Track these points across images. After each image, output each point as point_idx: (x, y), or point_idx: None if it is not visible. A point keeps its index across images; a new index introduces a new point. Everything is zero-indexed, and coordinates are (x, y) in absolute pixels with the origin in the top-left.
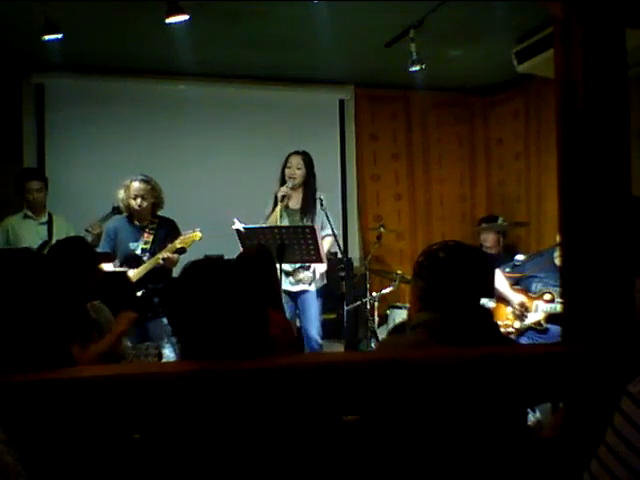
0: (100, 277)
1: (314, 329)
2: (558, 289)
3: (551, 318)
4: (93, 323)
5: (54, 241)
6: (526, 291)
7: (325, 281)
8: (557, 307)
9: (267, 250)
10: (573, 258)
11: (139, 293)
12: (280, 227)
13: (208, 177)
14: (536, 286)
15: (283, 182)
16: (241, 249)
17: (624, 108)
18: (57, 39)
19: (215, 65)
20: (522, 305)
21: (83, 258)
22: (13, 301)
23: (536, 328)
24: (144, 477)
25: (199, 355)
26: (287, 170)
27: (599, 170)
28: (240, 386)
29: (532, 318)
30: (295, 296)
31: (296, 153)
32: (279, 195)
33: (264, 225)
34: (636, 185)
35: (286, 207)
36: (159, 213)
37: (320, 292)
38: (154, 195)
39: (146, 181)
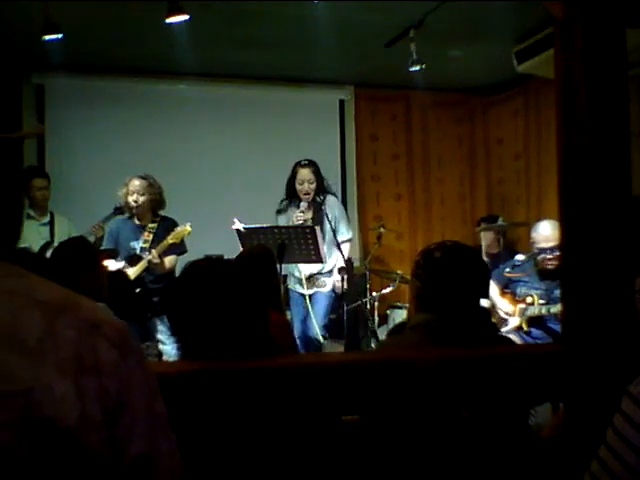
0: (105, 276)
1: (318, 326)
2: (540, 292)
3: (532, 321)
4: None
5: (56, 242)
6: (512, 295)
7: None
8: (535, 310)
9: (269, 250)
10: (573, 258)
11: (136, 291)
12: (280, 227)
13: (208, 177)
14: (520, 290)
15: (290, 193)
16: (241, 249)
17: (624, 108)
18: (57, 39)
19: (215, 65)
20: (505, 309)
21: (86, 258)
22: None
23: (519, 331)
24: None
25: (199, 355)
26: (299, 187)
27: (599, 170)
28: (240, 386)
29: (513, 322)
30: (308, 297)
31: (305, 165)
32: (295, 221)
33: (264, 225)
34: (636, 185)
35: (290, 215)
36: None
37: (332, 293)
38: (151, 192)
39: (144, 178)
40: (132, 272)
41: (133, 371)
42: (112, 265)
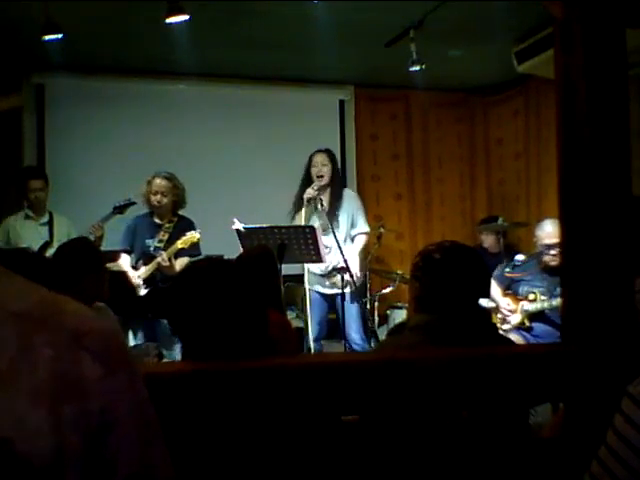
0: (107, 277)
1: (353, 331)
2: (542, 289)
3: (534, 316)
4: None
5: (55, 241)
6: (515, 295)
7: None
8: (538, 305)
9: (269, 250)
10: (573, 258)
11: (143, 292)
12: (280, 227)
13: (208, 177)
14: (523, 289)
15: (308, 183)
16: (241, 249)
17: (624, 108)
18: (57, 39)
19: (215, 65)
20: (508, 307)
21: (88, 259)
22: None
23: (522, 327)
24: None
25: (199, 355)
26: (313, 169)
27: (599, 170)
28: (240, 386)
29: (516, 319)
30: (329, 299)
31: (319, 151)
32: (305, 197)
33: (264, 225)
34: (636, 185)
35: (315, 208)
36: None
37: (357, 294)
38: (175, 193)
39: (168, 178)
40: (144, 271)
41: (121, 384)
42: (126, 261)
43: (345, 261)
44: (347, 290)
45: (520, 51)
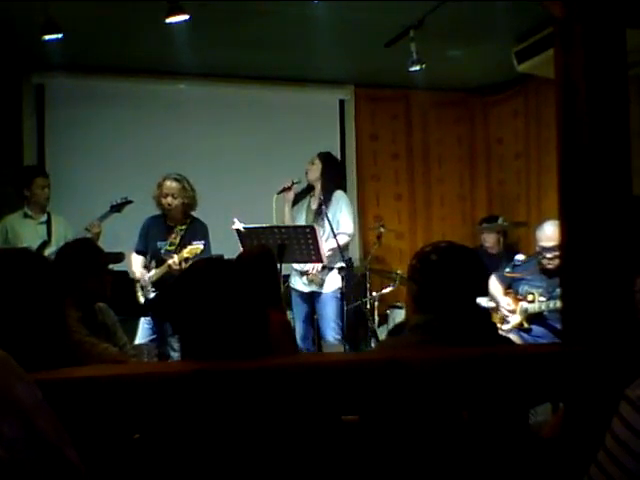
0: (109, 279)
1: (329, 331)
2: (541, 289)
3: (533, 319)
4: (101, 325)
5: (53, 241)
6: (515, 294)
7: (340, 284)
8: (536, 306)
9: (269, 250)
10: (573, 258)
11: (152, 294)
12: (280, 227)
13: (208, 177)
14: (522, 288)
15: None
16: (241, 249)
17: (624, 108)
18: (57, 39)
19: (215, 65)
20: (508, 307)
21: (91, 260)
22: (10, 300)
23: (520, 328)
24: (144, 477)
25: (199, 355)
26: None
27: (599, 170)
28: (240, 386)
29: (515, 320)
30: (308, 297)
31: (318, 154)
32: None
33: (264, 225)
34: (636, 185)
35: (309, 205)
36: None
37: (338, 293)
38: (185, 195)
39: (178, 180)
40: (153, 274)
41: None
42: (137, 262)
43: (346, 261)
44: (324, 290)
45: (520, 51)
